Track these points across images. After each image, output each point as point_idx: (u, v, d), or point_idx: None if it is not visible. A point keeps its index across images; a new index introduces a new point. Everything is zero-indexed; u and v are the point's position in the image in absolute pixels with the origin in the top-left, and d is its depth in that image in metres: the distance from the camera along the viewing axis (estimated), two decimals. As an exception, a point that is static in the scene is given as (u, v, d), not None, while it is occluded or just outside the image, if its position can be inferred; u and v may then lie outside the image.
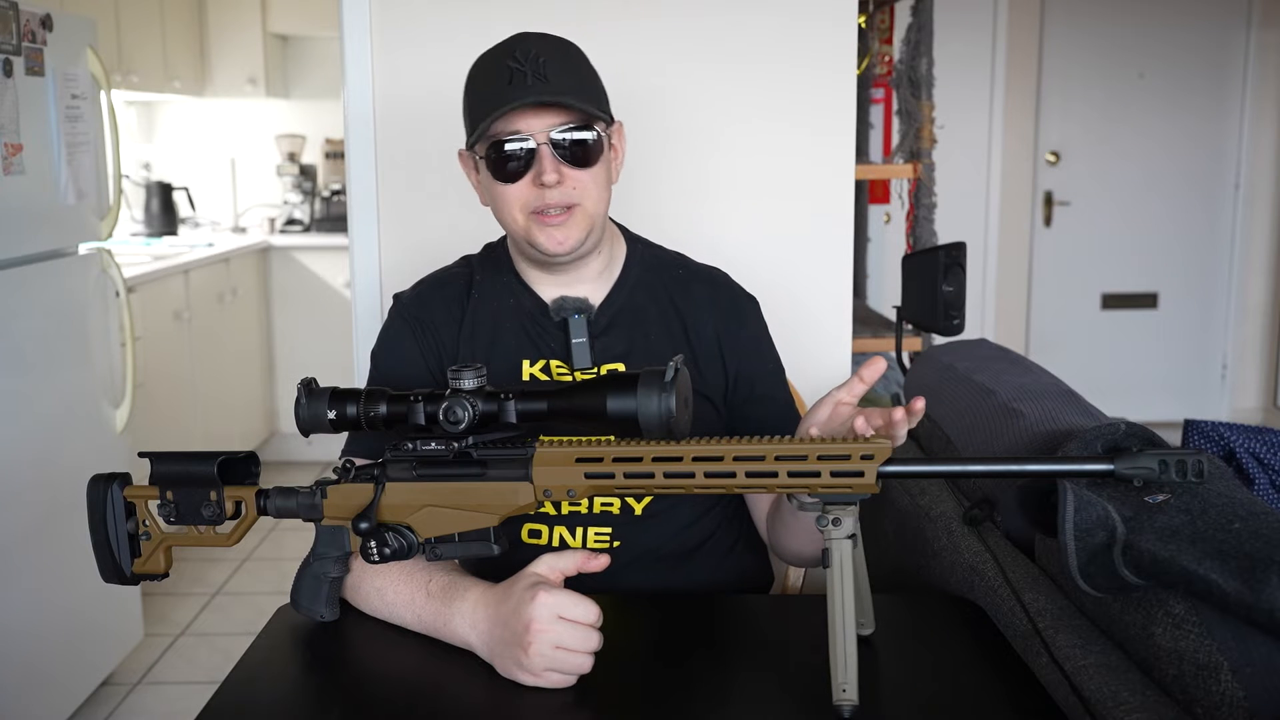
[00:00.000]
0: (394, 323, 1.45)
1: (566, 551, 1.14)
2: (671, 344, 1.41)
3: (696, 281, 1.47)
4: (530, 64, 1.28)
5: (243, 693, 1.13)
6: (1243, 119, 5.19)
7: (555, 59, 1.30)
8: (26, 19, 2.55)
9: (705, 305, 1.44)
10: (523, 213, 1.33)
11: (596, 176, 1.33)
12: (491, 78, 1.30)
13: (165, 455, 1.21)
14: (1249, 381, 5.42)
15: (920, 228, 2.54)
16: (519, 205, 1.33)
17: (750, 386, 1.43)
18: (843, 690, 0.97)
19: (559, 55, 1.32)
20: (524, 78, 1.27)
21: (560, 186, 1.30)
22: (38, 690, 2.57)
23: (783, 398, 1.46)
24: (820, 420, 1.13)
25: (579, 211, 1.32)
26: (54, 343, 2.70)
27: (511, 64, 1.28)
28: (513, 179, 1.31)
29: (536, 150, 1.29)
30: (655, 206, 2.00)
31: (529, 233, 1.34)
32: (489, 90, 1.30)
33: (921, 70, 2.56)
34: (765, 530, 1.42)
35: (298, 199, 5.15)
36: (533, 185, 1.31)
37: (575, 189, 1.31)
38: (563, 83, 1.29)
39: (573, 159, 1.30)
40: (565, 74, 1.30)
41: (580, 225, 1.33)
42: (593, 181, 1.33)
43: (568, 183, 1.31)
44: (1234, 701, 0.97)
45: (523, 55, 1.29)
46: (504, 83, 1.28)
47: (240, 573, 3.74)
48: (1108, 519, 1.12)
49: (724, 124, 2.06)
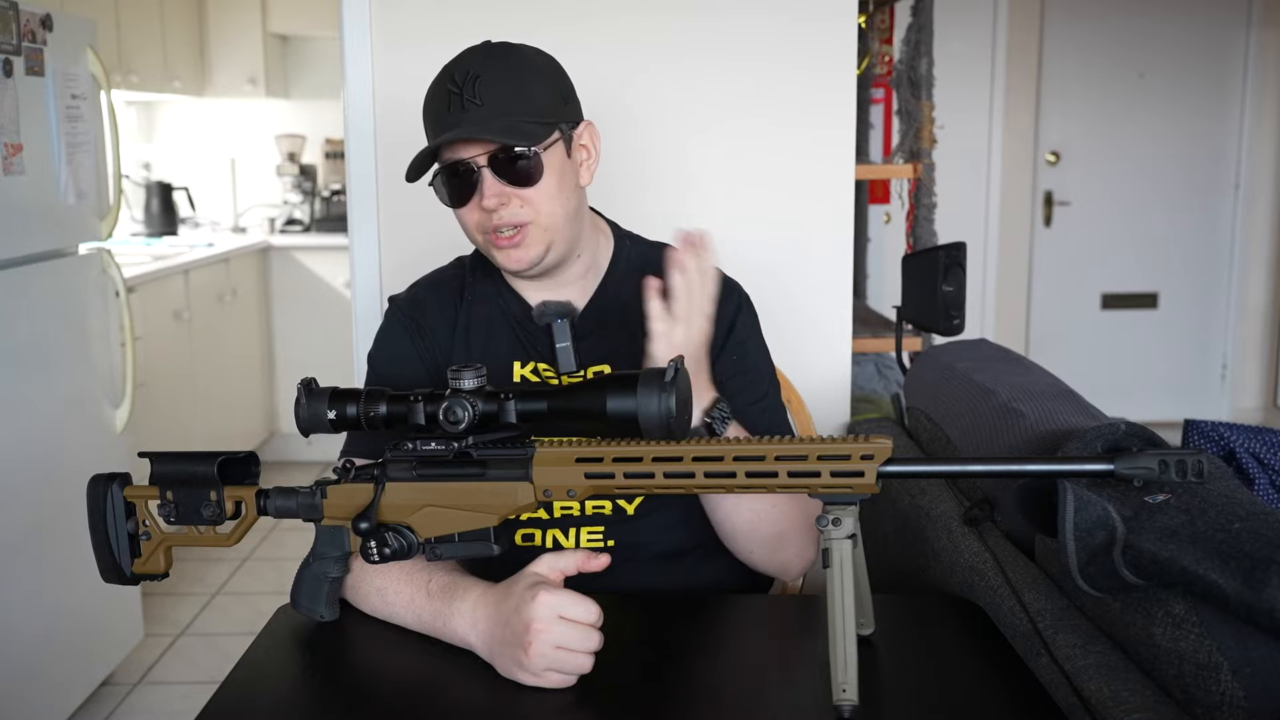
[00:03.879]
0: (390, 325, 1.46)
1: (566, 551, 1.14)
2: None
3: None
4: (466, 86, 1.27)
5: (243, 693, 1.13)
6: (1243, 119, 5.19)
7: (492, 75, 1.28)
8: (26, 19, 2.55)
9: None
10: (479, 232, 1.34)
11: (545, 191, 1.31)
12: (435, 99, 1.31)
13: (165, 455, 1.21)
14: (1249, 381, 5.42)
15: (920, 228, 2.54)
16: (474, 226, 1.34)
17: (744, 386, 1.41)
18: (843, 690, 0.97)
19: (498, 71, 1.29)
20: (460, 103, 1.28)
21: (506, 208, 1.30)
22: (38, 690, 2.57)
23: (771, 394, 1.43)
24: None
25: (531, 229, 1.32)
26: (54, 343, 2.69)
27: (450, 86, 1.29)
28: (461, 203, 1.33)
29: (479, 173, 1.30)
30: (655, 206, 2.00)
31: (488, 252, 1.35)
32: (433, 113, 1.32)
33: (921, 70, 2.56)
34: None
35: (298, 199, 5.15)
36: (478, 207, 1.31)
37: (523, 207, 1.31)
38: (497, 103, 1.28)
39: (514, 179, 1.30)
40: (502, 93, 1.28)
41: (536, 242, 1.33)
42: (542, 197, 1.31)
43: (514, 203, 1.30)
44: (1234, 701, 0.97)
45: (460, 76, 1.29)
46: (443, 108, 1.29)
47: (240, 573, 3.74)
48: (1108, 519, 1.12)
49: (724, 124, 2.06)
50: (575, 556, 1.13)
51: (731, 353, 1.41)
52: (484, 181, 1.30)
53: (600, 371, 1.39)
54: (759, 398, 1.41)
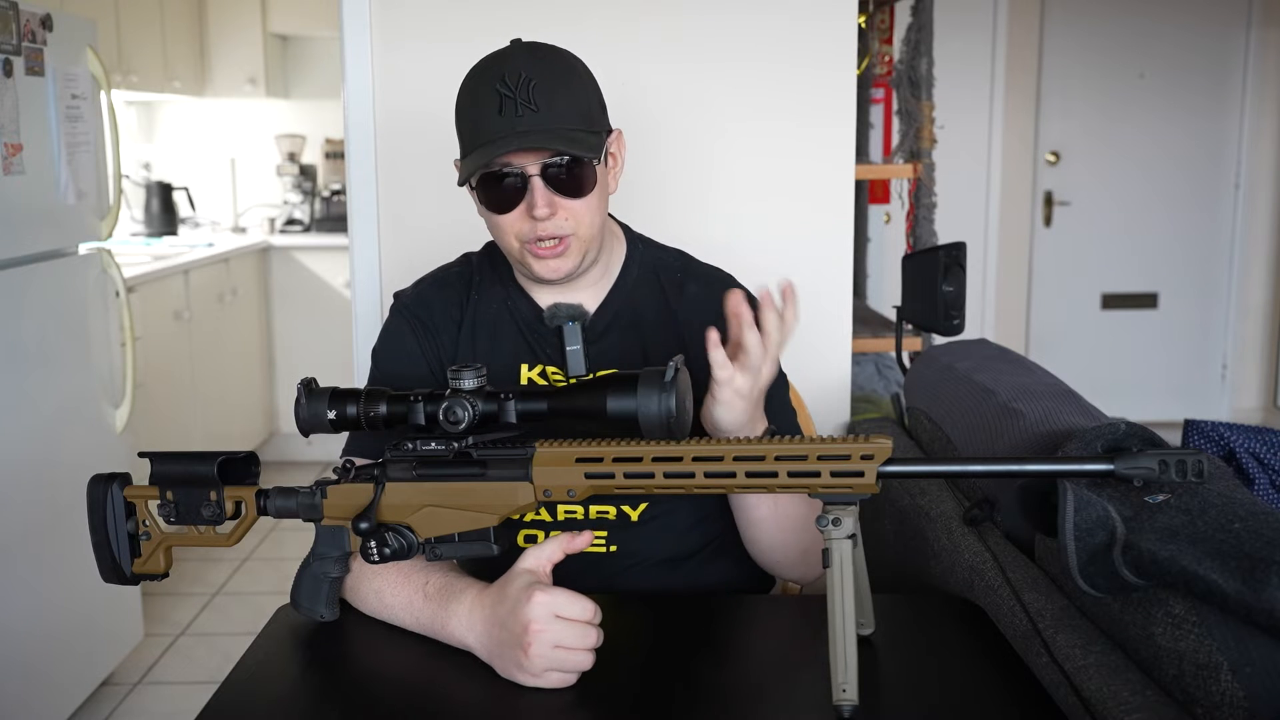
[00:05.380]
0: (395, 321, 1.45)
1: (547, 541, 1.14)
2: (667, 346, 1.39)
3: (692, 281, 1.44)
4: (520, 90, 1.24)
5: (243, 693, 1.13)
6: (1243, 119, 5.19)
7: (545, 81, 1.25)
8: (26, 19, 2.55)
9: (700, 306, 1.40)
10: (517, 240, 1.31)
11: (590, 204, 1.30)
12: (481, 100, 1.27)
13: (165, 455, 1.21)
14: (1249, 381, 5.41)
15: (920, 228, 2.54)
16: (513, 234, 1.30)
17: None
18: (843, 690, 0.97)
19: (550, 76, 1.26)
20: (514, 107, 1.24)
21: (553, 219, 1.27)
22: (38, 690, 2.57)
23: (776, 394, 1.41)
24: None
25: (573, 240, 1.30)
26: (54, 343, 2.69)
27: (500, 89, 1.24)
28: (505, 210, 1.29)
29: (529, 181, 1.27)
30: (656, 207, 2.00)
31: (523, 260, 1.32)
32: (479, 116, 1.27)
33: (921, 70, 2.56)
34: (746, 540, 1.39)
35: (298, 199, 5.15)
36: (525, 216, 1.28)
37: (568, 219, 1.28)
38: (553, 110, 1.25)
39: (565, 190, 1.27)
40: (556, 99, 1.25)
41: (575, 254, 1.31)
42: (586, 209, 1.30)
43: (560, 214, 1.28)
44: (1234, 701, 0.97)
45: (512, 79, 1.24)
46: (493, 110, 1.25)
47: (240, 573, 3.74)
48: (1108, 519, 1.12)
49: (724, 124, 2.06)
50: (557, 542, 1.13)
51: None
52: (534, 191, 1.26)
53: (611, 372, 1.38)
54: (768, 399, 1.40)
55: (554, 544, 1.13)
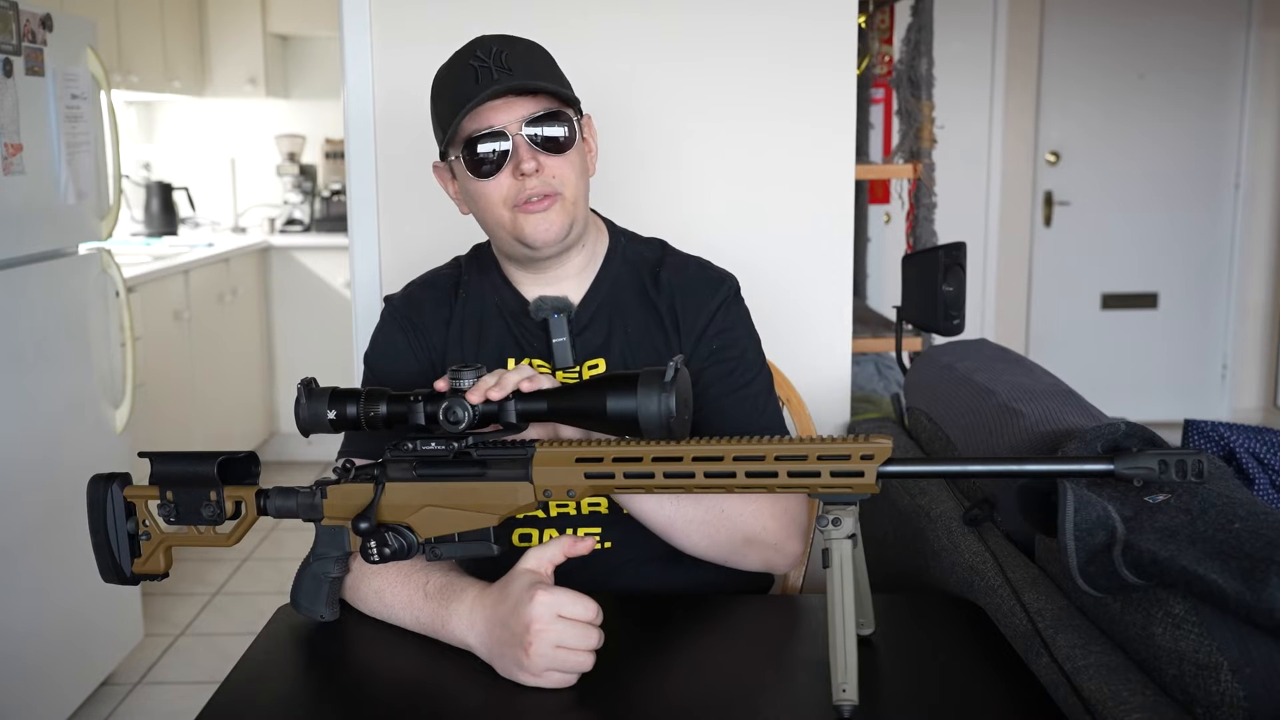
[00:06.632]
0: (385, 325, 1.46)
1: (550, 542, 1.14)
2: (649, 337, 1.40)
3: (668, 270, 1.44)
4: (493, 59, 1.29)
5: (243, 693, 1.13)
6: (1243, 119, 5.19)
7: (517, 50, 1.32)
8: (26, 19, 2.55)
9: (677, 293, 1.42)
10: (505, 206, 1.33)
11: (573, 163, 1.34)
12: (456, 79, 1.32)
13: (165, 455, 1.21)
14: (1249, 381, 5.41)
15: (920, 228, 2.54)
16: (500, 200, 1.33)
17: (723, 374, 1.40)
18: (842, 690, 0.97)
19: (520, 48, 1.33)
20: (489, 72, 1.29)
21: (539, 174, 1.31)
22: (38, 690, 2.57)
23: (756, 384, 1.41)
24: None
25: (560, 200, 1.33)
26: (54, 343, 2.69)
27: (474, 62, 1.30)
28: (491, 174, 1.32)
29: (512, 141, 1.30)
30: (655, 206, 2.00)
31: (514, 226, 1.33)
32: (455, 91, 1.31)
33: (921, 70, 2.56)
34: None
35: (298, 199, 5.15)
36: (512, 177, 1.31)
37: (555, 177, 1.32)
38: (530, 70, 1.31)
39: (548, 146, 1.31)
40: (532, 62, 1.33)
41: (563, 213, 1.33)
42: (570, 169, 1.33)
43: (546, 171, 1.31)
44: (1234, 701, 0.97)
45: (484, 52, 1.30)
46: (469, 81, 1.29)
47: (240, 573, 3.74)
48: (1108, 519, 1.12)
49: (724, 123, 2.06)
50: (559, 544, 1.13)
51: (711, 341, 1.40)
52: (519, 149, 1.30)
53: (595, 367, 1.39)
54: (739, 386, 1.40)
55: (556, 546, 1.13)
